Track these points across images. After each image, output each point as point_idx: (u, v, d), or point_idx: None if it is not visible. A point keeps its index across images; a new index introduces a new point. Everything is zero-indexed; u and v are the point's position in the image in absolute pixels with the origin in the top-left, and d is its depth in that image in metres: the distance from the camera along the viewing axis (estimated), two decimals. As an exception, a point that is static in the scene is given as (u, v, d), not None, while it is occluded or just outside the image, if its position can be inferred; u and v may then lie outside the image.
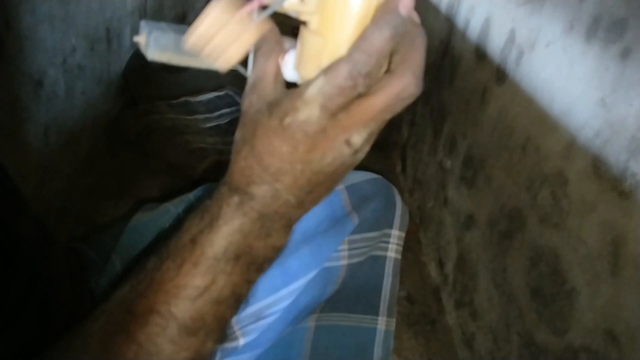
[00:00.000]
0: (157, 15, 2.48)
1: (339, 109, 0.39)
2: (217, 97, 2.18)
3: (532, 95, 1.16)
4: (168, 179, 1.76)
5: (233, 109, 2.14)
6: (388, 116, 0.41)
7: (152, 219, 0.79)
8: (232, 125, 2.09)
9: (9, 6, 1.24)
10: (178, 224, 0.52)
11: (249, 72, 0.45)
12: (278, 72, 0.44)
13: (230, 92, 2.23)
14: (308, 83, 0.40)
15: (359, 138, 0.41)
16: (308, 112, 0.39)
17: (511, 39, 1.29)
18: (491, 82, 1.36)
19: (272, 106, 0.41)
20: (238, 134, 0.45)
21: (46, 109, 1.48)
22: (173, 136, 1.86)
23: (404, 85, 0.39)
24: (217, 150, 1.85)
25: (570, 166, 1.00)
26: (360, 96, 0.39)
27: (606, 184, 0.89)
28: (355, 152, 0.41)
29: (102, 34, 1.81)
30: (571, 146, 1.00)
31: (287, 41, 0.47)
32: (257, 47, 0.45)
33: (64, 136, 1.62)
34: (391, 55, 0.40)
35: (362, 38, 0.38)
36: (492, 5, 1.43)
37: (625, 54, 0.90)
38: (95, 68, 1.78)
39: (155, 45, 0.44)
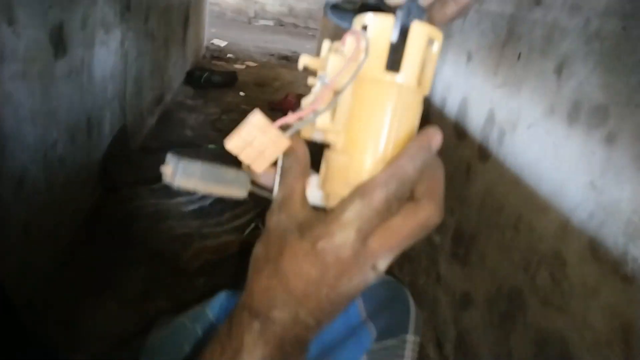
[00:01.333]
0: (137, 98, 2.49)
1: (371, 232, 0.40)
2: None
3: (518, 175, 1.19)
4: (151, 269, 1.71)
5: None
6: (411, 242, 0.42)
7: (169, 336, 0.76)
8: (215, 206, 2.07)
9: (-8, 109, 1.23)
10: (197, 349, 0.49)
11: (275, 190, 0.46)
12: (305, 192, 0.45)
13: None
14: (342, 207, 0.40)
15: (384, 263, 0.41)
16: (344, 236, 0.39)
17: (491, 118, 1.33)
18: (474, 160, 1.39)
19: (304, 228, 0.41)
20: (260, 251, 0.44)
21: (27, 206, 1.44)
22: (156, 223, 1.83)
23: (429, 215, 0.41)
24: (201, 235, 1.82)
25: (567, 247, 1.01)
26: (386, 221, 0.40)
27: (606, 267, 0.90)
28: (378, 275, 0.42)
29: (83, 124, 1.80)
30: (565, 227, 1.02)
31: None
32: (286, 167, 0.46)
33: (43, 231, 1.57)
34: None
35: (397, 166, 0.40)
36: (469, 86, 1.49)
37: (610, 139, 0.93)
38: (75, 158, 1.76)
39: (183, 173, 0.46)
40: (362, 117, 0.41)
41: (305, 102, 0.42)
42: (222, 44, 6.12)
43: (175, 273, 1.70)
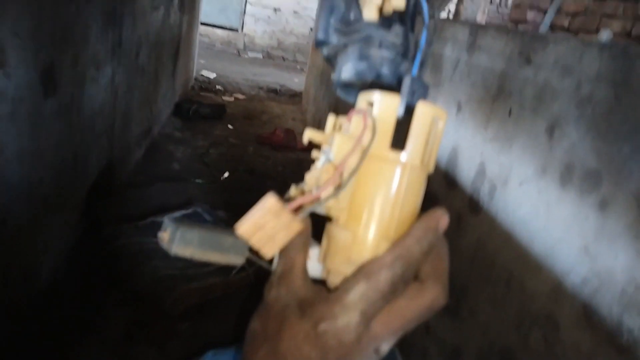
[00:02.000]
0: (125, 132, 2.47)
1: (375, 315, 0.38)
2: (185, 215, 2.15)
3: (510, 231, 1.19)
4: (134, 311, 1.67)
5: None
6: (416, 324, 0.40)
7: None
8: (201, 245, 2.04)
9: (-22, 150, 1.20)
10: None
11: (275, 261, 0.45)
12: (306, 266, 0.43)
13: (199, 209, 2.20)
14: (347, 287, 0.39)
15: (387, 346, 0.40)
16: (348, 318, 0.37)
17: (481, 171, 1.34)
18: (465, 211, 1.39)
19: (305, 306, 0.39)
20: (257, 326, 0.42)
21: (8, 248, 1.40)
22: (139, 263, 1.79)
23: (434, 297, 0.40)
24: (186, 276, 1.78)
25: (560, 311, 1.00)
26: (390, 303, 0.39)
27: (601, 336, 0.90)
28: (381, 357, 0.40)
29: (69, 161, 1.77)
30: (558, 290, 1.01)
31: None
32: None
33: (24, 273, 1.53)
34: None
35: (403, 247, 0.39)
36: (459, 137, 1.50)
37: (603, 206, 0.94)
38: (59, 196, 1.73)
39: (181, 241, 0.45)
40: (366, 194, 0.41)
41: (309, 177, 0.42)
42: (211, 75, 6.14)
43: (159, 316, 1.65)
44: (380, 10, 0.41)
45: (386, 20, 0.41)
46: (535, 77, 1.18)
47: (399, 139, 0.40)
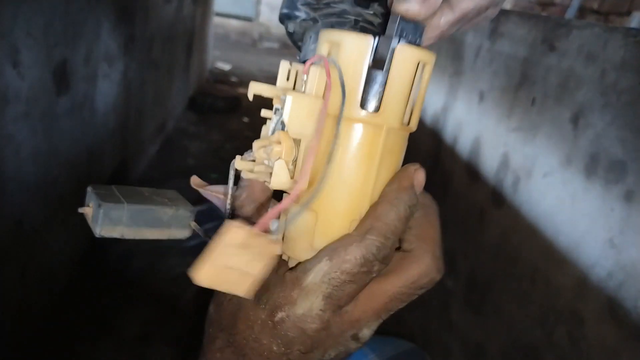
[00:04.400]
0: (138, 128, 2.47)
1: (348, 299, 0.32)
2: (200, 211, 2.13)
3: (534, 225, 1.15)
4: (150, 311, 1.67)
5: (217, 223, 2.08)
6: (403, 305, 0.34)
7: None
8: (218, 240, 2.03)
9: (-8, 151, 1.20)
10: None
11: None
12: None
13: (214, 206, 2.19)
14: (306, 268, 0.32)
15: (369, 332, 0.34)
16: (308, 304, 0.31)
17: (505, 163, 1.30)
18: (488, 204, 1.36)
19: (260, 290, 0.33)
20: (212, 312, 0.36)
21: (25, 247, 1.41)
22: (155, 261, 1.79)
23: (423, 271, 0.33)
24: (204, 273, 1.78)
25: (584, 305, 0.97)
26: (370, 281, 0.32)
27: (627, 331, 0.86)
28: (363, 343, 0.34)
29: (84, 159, 1.77)
30: (583, 284, 0.98)
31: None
32: (239, 207, 0.39)
33: (41, 272, 1.53)
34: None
35: (375, 217, 0.32)
36: (481, 126, 1.46)
37: (629, 197, 0.90)
38: (74, 194, 1.73)
39: (106, 220, 0.37)
40: (333, 166, 0.32)
41: (257, 145, 0.34)
42: (226, 67, 6.13)
43: (175, 315, 1.65)
44: None
45: None
46: (559, 64, 1.14)
47: (375, 91, 0.32)
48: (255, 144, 0.34)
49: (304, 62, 0.33)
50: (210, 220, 1.96)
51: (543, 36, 1.21)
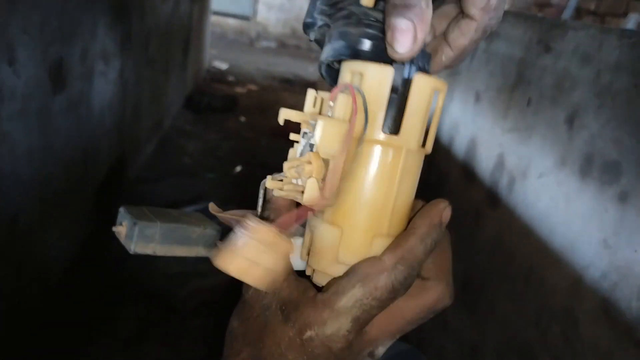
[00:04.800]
0: (135, 126, 2.46)
1: (370, 321, 0.35)
2: (196, 211, 2.13)
3: (529, 225, 1.15)
4: (146, 309, 1.67)
5: (214, 223, 2.09)
6: (415, 326, 0.37)
7: None
8: (214, 239, 2.03)
9: (-13, 148, 1.19)
10: None
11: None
12: (289, 261, 0.38)
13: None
14: (339, 291, 0.34)
15: (383, 349, 0.37)
16: (338, 325, 0.34)
17: (500, 163, 1.30)
18: (483, 205, 1.36)
19: (289, 309, 0.35)
20: (237, 326, 0.38)
21: (20, 245, 1.40)
22: (151, 260, 1.79)
23: (438, 297, 0.37)
24: (198, 273, 1.78)
25: (579, 306, 0.97)
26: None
27: (620, 331, 0.87)
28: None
29: (79, 157, 1.76)
30: (578, 284, 0.98)
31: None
32: None
33: (36, 270, 1.53)
34: None
35: (407, 249, 0.35)
36: (477, 127, 1.46)
37: (623, 198, 0.90)
38: (70, 192, 1.72)
39: (141, 237, 0.40)
40: (354, 183, 0.35)
41: (288, 166, 0.36)
42: (224, 66, 6.12)
43: (171, 314, 1.65)
44: None
45: None
46: (555, 65, 1.14)
47: (394, 117, 0.35)
48: (286, 165, 0.37)
49: (326, 64, 0.37)
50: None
51: (539, 37, 1.21)
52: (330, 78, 0.40)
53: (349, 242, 0.36)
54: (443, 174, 1.65)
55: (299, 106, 0.38)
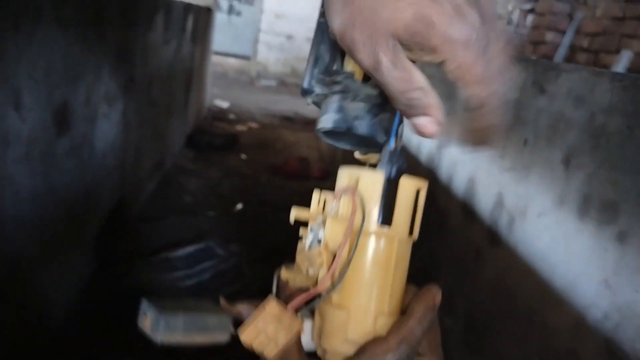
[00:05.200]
0: (136, 167, 2.49)
1: None
2: (197, 250, 2.14)
3: (530, 265, 1.16)
4: (146, 355, 1.64)
5: (214, 261, 2.09)
6: None
7: None
8: (214, 280, 2.02)
9: (-8, 192, 1.21)
10: None
11: None
12: (301, 345, 0.44)
13: (211, 244, 2.19)
14: None
15: None
16: None
17: (500, 202, 1.31)
18: (484, 243, 1.36)
19: None
20: None
21: (22, 287, 1.40)
22: (153, 300, 1.77)
23: None
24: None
25: (582, 346, 0.97)
26: None
27: (627, 374, 0.86)
28: None
29: (82, 198, 1.78)
30: (580, 325, 0.98)
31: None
32: None
33: (36, 313, 1.52)
34: None
35: (407, 330, 0.40)
36: (475, 166, 1.48)
37: (621, 238, 0.91)
38: (72, 233, 1.73)
39: (167, 329, 0.43)
40: (358, 271, 0.41)
41: (300, 258, 0.43)
42: (225, 104, 6.21)
43: (171, 356, 1.63)
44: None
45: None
46: (550, 106, 1.17)
47: (385, 211, 0.42)
48: (299, 257, 0.43)
49: (323, 132, 0.43)
50: (208, 259, 1.96)
51: (533, 78, 1.24)
52: (327, 139, 0.45)
53: (356, 322, 0.41)
54: (443, 212, 1.66)
55: (298, 143, 0.45)
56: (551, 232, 1.10)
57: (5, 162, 1.21)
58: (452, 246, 1.57)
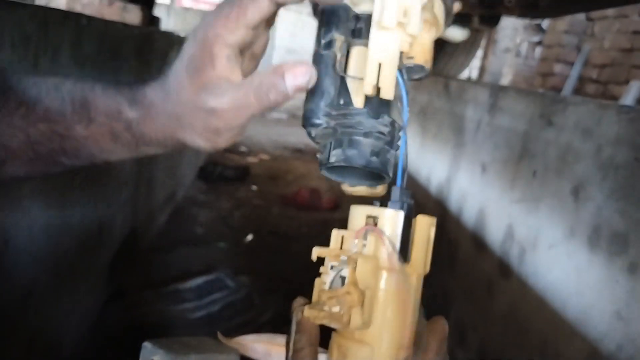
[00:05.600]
0: (149, 199, 2.52)
1: None
2: (207, 281, 2.14)
3: (542, 296, 1.15)
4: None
5: (224, 293, 2.08)
6: None
7: None
8: (224, 311, 2.02)
9: (7, 224, 1.23)
10: None
11: None
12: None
13: (221, 275, 2.19)
14: None
15: None
16: None
17: (510, 234, 1.31)
18: (495, 276, 1.36)
19: None
20: None
21: (33, 319, 1.41)
22: (161, 333, 1.77)
23: None
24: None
25: (597, 381, 0.95)
26: None
27: (643, 409, 0.84)
28: None
29: (94, 231, 1.80)
30: (594, 357, 0.97)
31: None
32: (298, 348, 0.45)
33: (48, 345, 1.53)
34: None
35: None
36: (485, 197, 1.48)
37: (632, 269, 0.90)
38: (84, 264, 1.74)
39: None
40: (382, 308, 0.43)
41: (322, 295, 0.43)
42: (235, 137, 6.27)
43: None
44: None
45: (373, 107, 0.42)
46: (557, 138, 1.18)
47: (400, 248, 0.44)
48: (325, 295, 0.43)
49: (323, 165, 0.45)
50: (218, 290, 1.96)
51: (541, 111, 1.26)
52: (329, 174, 0.46)
53: (379, 357, 0.43)
54: (453, 243, 1.65)
55: (309, 174, 0.46)
56: (562, 264, 1.10)
57: (21, 196, 1.24)
58: (463, 278, 1.56)
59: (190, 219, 3.23)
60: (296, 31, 9.20)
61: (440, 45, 2.93)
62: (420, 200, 1.99)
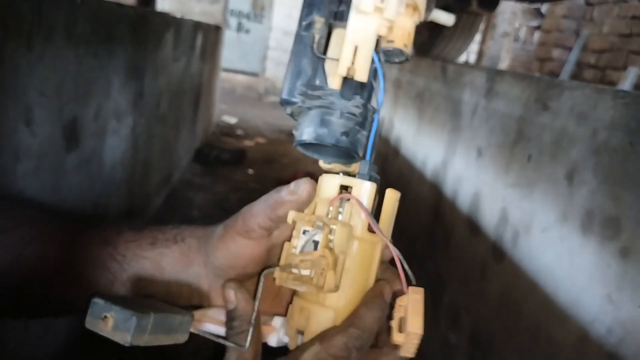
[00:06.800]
0: (144, 181, 2.51)
1: None
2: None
3: (535, 280, 1.16)
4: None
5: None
6: None
7: None
8: None
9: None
10: None
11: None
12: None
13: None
14: (302, 349, 0.43)
15: None
16: None
17: (504, 217, 1.32)
18: (489, 258, 1.36)
19: None
20: None
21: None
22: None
23: None
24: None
25: (587, 363, 0.97)
26: None
27: (631, 390, 0.86)
28: None
29: (89, 212, 1.80)
30: (584, 340, 0.98)
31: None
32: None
33: (43, 328, 1.53)
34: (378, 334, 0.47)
35: (357, 316, 0.44)
36: (480, 181, 1.48)
37: (624, 254, 0.91)
38: (81, 247, 1.74)
39: (138, 329, 0.40)
40: (352, 273, 0.45)
41: (299, 259, 0.44)
42: (232, 120, 6.25)
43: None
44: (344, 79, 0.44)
45: (347, 88, 0.43)
46: (553, 123, 1.18)
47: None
48: (298, 258, 0.44)
49: (297, 141, 0.46)
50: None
51: (536, 96, 1.25)
52: (303, 149, 0.47)
53: (341, 320, 0.45)
54: (448, 226, 1.66)
55: (304, 158, 0.49)
56: (555, 248, 1.10)
57: (16, 176, 1.23)
58: (458, 261, 1.57)
59: (186, 202, 3.23)
60: (293, 13, 9.12)
61: (439, 29, 2.91)
62: (415, 184, 2.00)
